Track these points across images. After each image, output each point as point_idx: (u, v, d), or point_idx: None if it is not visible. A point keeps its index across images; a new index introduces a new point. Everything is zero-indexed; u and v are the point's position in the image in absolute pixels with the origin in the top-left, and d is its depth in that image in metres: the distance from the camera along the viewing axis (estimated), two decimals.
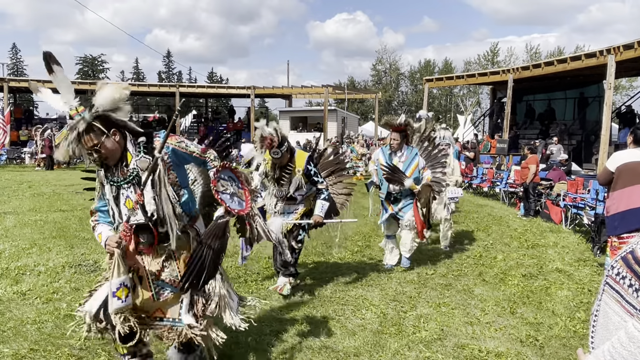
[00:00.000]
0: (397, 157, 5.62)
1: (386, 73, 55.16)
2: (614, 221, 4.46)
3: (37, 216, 8.61)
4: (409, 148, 5.70)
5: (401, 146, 5.62)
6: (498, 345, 3.67)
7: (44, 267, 5.41)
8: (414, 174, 5.53)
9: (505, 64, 45.11)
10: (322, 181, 4.61)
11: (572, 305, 4.59)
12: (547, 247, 7.10)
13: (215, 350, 2.85)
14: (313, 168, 4.57)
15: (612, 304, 1.32)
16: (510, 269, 5.83)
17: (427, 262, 6.01)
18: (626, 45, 12.72)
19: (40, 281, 4.92)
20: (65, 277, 5.08)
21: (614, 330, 1.28)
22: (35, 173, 17.59)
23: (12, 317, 3.99)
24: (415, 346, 3.61)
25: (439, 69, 52.70)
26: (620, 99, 33.72)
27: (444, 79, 24.10)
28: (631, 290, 1.26)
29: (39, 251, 6.14)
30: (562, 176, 11.35)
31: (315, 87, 27.47)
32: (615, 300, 1.31)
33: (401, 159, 5.59)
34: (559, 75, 17.37)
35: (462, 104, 37.70)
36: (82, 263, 5.63)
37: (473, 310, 4.39)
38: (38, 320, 3.91)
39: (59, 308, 4.20)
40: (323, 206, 4.54)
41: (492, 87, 23.26)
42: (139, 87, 29.17)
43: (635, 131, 4.58)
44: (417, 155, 5.66)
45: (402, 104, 56.07)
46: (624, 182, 4.41)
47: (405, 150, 5.64)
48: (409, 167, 5.55)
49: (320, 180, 4.60)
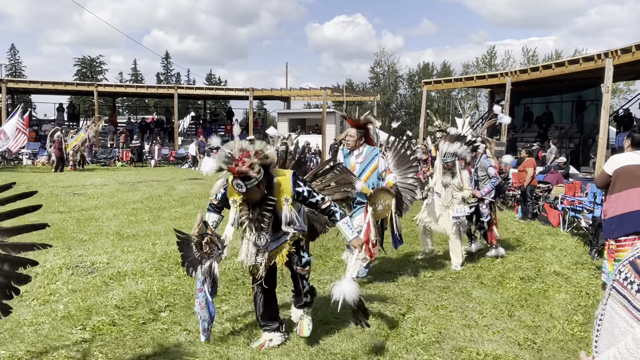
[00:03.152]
0: (354, 156, 5.06)
1: (384, 76, 55.23)
2: (612, 224, 4.47)
3: (34, 217, 8.57)
4: (370, 148, 5.10)
5: (358, 145, 5.02)
6: (496, 348, 3.67)
7: (41, 268, 5.39)
8: (371, 177, 5.01)
9: (503, 67, 45.24)
10: (322, 198, 3.43)
11: (569, 308, 4.59)
12: (545, 250, 7.11)
13: (214, 351, 2.84)
14: (304, 187, 3.37)
15: (619, 308, 1.30)
16: (508, 271, 5.83)
17: (425, 265, 6.01)
18: (624, 49, 12.76)
19: (37, 283, 4.90)
20: (63, 279, 5.06)
21: (620, 336, 1.26)
22: (33, 174, 17.55)
23: (9, 318, 3.97)
24: (413, 349, 3.61)
25: (437, 71, 52.78)
26: (617, 103, 33.79)
27: (442, 82, 24.16)
28: (639, 296, 1.24)
29: (36, 252, 6.09)
30: (560, 179, 11.37)
31: (314, 89, 27.46)
32: (622, 305, 1.29)
33: (358, 159, 5.05)
34: (556, 79, 17.43)
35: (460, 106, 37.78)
36: (80, 265, 5.62)
37: (471, 313, 4.39)
38: (35, 322, 3.90)
39: (56, 310, 4.19)
40: (349, 225, 3.48)
41: (490, 90, 23.30)
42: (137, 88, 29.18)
43: (632, 134, 4.59)
44: (377, 156, 5.07)
45: (401, 107, 56.14)
46: (621, 185, 4.42)
47: (365, 150, 5.05)
48: (367, 169, 5.03)
49: (320, 198, 3.42)
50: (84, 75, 54.80)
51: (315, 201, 3.40)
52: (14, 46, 57.35)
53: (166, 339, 3.68)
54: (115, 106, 32.33)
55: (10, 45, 58.33)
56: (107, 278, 5.12)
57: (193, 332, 3.80)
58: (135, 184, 14.62)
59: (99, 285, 4.92)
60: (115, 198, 11.43)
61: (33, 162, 22.52)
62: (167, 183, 14.98)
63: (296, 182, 3.36)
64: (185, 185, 14.89)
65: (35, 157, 22.79)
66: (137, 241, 6.93)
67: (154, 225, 8.20)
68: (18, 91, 26.95)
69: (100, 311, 4.18)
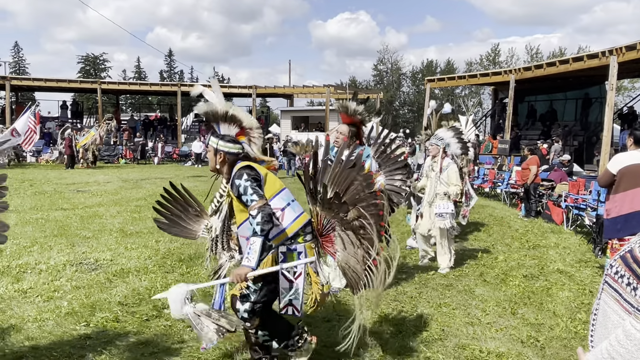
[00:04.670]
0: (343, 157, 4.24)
1: (388, 73, 55.13)
2: (617, 224, 4.45)
3: (38, 214, 8.61)
4: (360, 147, 4.55)
5: (349, 143, 4.45)
6: (499, 345, 3.67)
7: (45, 265, 5.42)
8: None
9: (507, 64, 45.07)
10: (254, 200, 2.65)
11: (573, 306, 4.58)
12: (548, 248, 7.09)
13: (217, 348, 2.84)
14: (242, 181, 2.71)
15: (611, 302, 1.34)
16: (511, 269, 5.82)
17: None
18: (629, 46, 12.68)
19: (41, 279, 4.92)
20: (66, 276, 5.08)
21: (613, 329, 1.30)
22: (37, 171, 17.62)
23: (13, 315, 4.00)
24: (416, 346, 3.61)
25: (441, 69, 52.63)
26: (622, 100, 33.62)
27: (446, 79, 24.07)
28: (629, 289, 1.28)
29: (40, 249, 6.14)
30: (563, 177, 11.34)
31: (317, 86, 27.45)
32: (613, 299, 1.33)
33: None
34: (561, 76, 17.34)
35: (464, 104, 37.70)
36: (83, 261, 5.64)
37: (474, 311, 4.39)
38: (39, 319, 3.92)
39: (60, 306, 4.20)
40: (250, 249, 2.64)
41: (494, 88, 23.23)
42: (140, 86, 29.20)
43: (634, 132, 4.56)
44: (368, 157, 4.54)
45: (404, 104, 56.03)
46: (626, 185, 4.40)
47: (356, 151, 4.35)
48: None
49: (252, 199, 2.66)
50: (88, 73, 54.93)
51: (246, 200, 2.70)
52: (18, 44, 57.48)
53: (169, 336, 3.70)
54: (118, 104, 32.44)
55: (14, 43, 58.34)
56: (110, 275, 5.14)
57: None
58: (138, 182, 14.65)
59: (102, 282, 4.93)
60: (119, 195, 11.46)
61: (37, 159, 22.60)
62: (170, 180, 15.00)
63: (239, 171, 2.76)
64: (188, 182, 14.87)
65: (39, 155, 22.88)
66: (140, 238, 6.95)
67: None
68: (22, 88, 27.08)
69: (103, 308, 4.20)
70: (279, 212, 2.84)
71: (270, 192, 2.85)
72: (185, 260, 5.76)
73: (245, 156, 2.90)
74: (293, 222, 2.86)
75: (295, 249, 2.85)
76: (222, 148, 2.84)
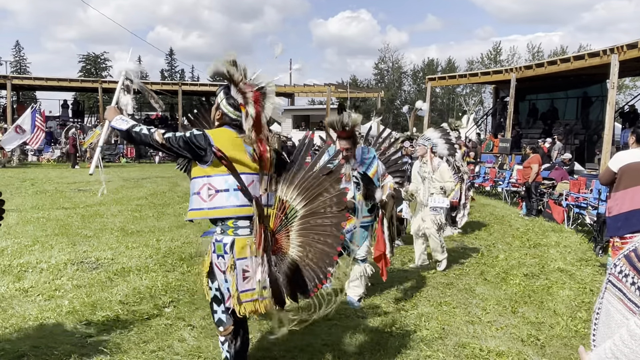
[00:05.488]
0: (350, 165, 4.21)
1: (389, 72, 55.11)
2: (617, 222, 4.45)
3: (39, 213, 8.63)
4: (363, 149, 4.40)
5: (354, 153, 4.22)
6: (499, 344, 3.67)
7: (46, 264, 5.43)
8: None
9: (508, 63, 45.02)
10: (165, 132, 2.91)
11: (573, 305, 4.58)
12: (549, 247, 7.09)
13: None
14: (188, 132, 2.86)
15: (615, 302, 1.33)
16: (512, 268, 5.82)
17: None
18: (630, 45, 12.66)
19: (43, 278, 4.93)
20: (67, 275, 5.09)
21: (616, 328, 1.29)
22: (38, 170, 17.64)
23: (14, 314, 4.01)
24: (416, 345, 3.61)
25: (442, 67, 52.60)
26: (623, 99, 33.58)
27: (447, 78, 24.03)
28: (634, 289, 1.27)
29: (41, 248, 6.15)
30: (564, 176, 11.33)
31: (318, 85, 27.45)
32: (617, 298, 1.32)
33: (354, 166, 4.25)
34: (562, 75, 17.32)
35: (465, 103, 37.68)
36: (84, 260, 5.65)
37: (474, 310, 4.39)
38: (40, 317, 3.93)
39: (61, 305, 4.21)
40: (128, 122, 3.07)
41: (495, 87, 23.20)
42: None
43: (636, 131, 4.56)
44: (375, 158, 4.35)
45: (405, 103, 56.03)
46: (626, 183, 4.39)
47: (359, 154, 4.31)
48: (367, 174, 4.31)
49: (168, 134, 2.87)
50: (89, 72, 54.90)
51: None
52: (19, 43, 57.49)
53: (170, 335, 3.70)
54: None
55: (15, 42, 58.41)
56: (111, 274, 5.15)
57: (197, 327, 3.82)
58: (139, 181, 14.67)
59: (103, 281, 4.94)
60: (120, 194, 11.47)
61: (38, 158, 22.61)
62: (171, 179, 14.99)
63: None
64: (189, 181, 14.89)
65: (40, 154, 22.89)
66: (141, 237, 6.96)
67: (158, 222, 8.22)
68: (23, 88, 27.10)
69: (104, 307, 4.21)
70: (212, 190, 2.75)
71: (219, 170, 2.75)
72: (186, 259, 5.77)
73: (238, 126, 2.82)
74: (221, 208, 2.74)
75: (221, 240, 2.74)
76: (223, 108, 2.91)
